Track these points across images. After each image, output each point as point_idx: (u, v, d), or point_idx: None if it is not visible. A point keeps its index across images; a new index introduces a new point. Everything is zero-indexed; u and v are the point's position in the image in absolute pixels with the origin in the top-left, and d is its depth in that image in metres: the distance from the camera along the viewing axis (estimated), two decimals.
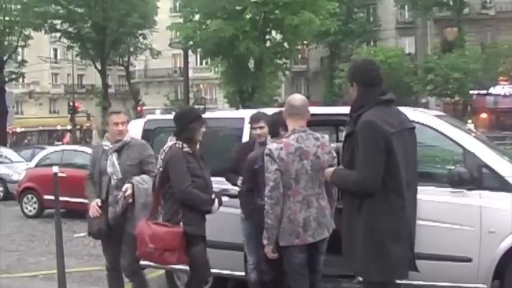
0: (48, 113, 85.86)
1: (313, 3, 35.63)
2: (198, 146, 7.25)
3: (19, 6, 45.37)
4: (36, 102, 76.76)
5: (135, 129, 9.47)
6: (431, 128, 7.66)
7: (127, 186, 7.56)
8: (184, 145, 7.09)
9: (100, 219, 7.71)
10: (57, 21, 48.27)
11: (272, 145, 6.66)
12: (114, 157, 7.78)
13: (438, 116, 8.28)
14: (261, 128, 7.99)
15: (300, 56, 60.96)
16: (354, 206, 5.55)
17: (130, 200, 7.55)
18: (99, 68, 50.21)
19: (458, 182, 7.13)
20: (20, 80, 54.35)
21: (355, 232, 5.56)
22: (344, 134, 5.92)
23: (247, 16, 36.03)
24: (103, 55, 49.44)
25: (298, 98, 6.84)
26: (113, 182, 7.71)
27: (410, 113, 7.76)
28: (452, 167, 7.46)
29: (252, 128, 8.24)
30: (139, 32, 53.31)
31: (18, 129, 73.40)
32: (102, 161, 7.82)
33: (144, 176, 7.68)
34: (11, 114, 42.63)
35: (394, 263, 5.46)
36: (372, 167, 5.36)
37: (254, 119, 8.17)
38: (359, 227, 5.51)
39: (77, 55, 56.23)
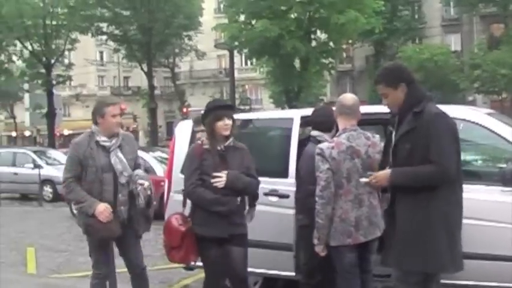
0: None
1: (358, 1, 35.41)
2: (230, 142, 6.94)
3: (66, 10, 45.79)
4: (83, 104, 77.31)
5: (183, 130, 9.52)
6: (482, 126, 7.52)
7: (141, 180, 7.13)
8: (206, 141, 6.95)
9: (111, 223, 7.05)
10: (104, 24, 48.72)
11: (323, 144, 6.70)
12: (120, 153, 7.23)
13: (489, 114, 8.16)
14: (202, 130, 7.78)
15: (345, 55, 60.83)
16: (419, 202, 5.55)
17: (149, 192, 7.14)
18: (145, 69, 50.50)
19: (510, 180, 7.01)
20: (67, 82, 54.93)
21: (421, 228, 5.53)
22: (398, 133, 5.73)
23: (293, 16, 35.92)
24: (149, 57, 49.71)
25: (349, 98, 6.92)
26: (123, 180, 7.16)
27: (461, 111, 7.70)
28: (504, 166, 7.36)
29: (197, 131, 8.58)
30: (185, 33, 53.51)
31: (66, 132, 73.96)
32: (102, 157, 7.13)
33: (140, 171, 7.34)
34: (59, 117, 43.09)
35: (459, 255, 5.67)
36: (452, 156, 5.47)
37: (197, 122, 8.56)
38: (426, 223, 5.52)
39: (123, 57, 56.74)
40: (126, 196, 7.20)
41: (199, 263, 7.32)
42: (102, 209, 6.98)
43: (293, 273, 8.23)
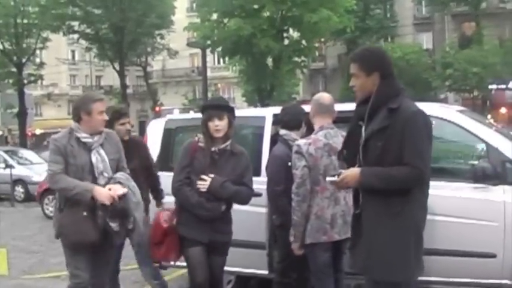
0: (66, 114, 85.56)
1: (330, 0, 35.60)
2: (226, 145, 6.65)
3: (37, 9, 45.54)
4: (55, 103, 76.89)
5: (155, 129, 9.49)
6: (454, 123, 7.58)
7: (113, 185, 6.51)
8: (202, 139, 6.69)
9: (87, 226, 6.42)
10: (75, 23, 48.44)
11: (300, 141, 6.78)
12: (102, 151, 6.63)
13: (460, 111, 8.23)
14: (122, 124, 8.07)
15: (317, 54, 61.00)
16: (390, 207, 5.01)
17: (118, 202, 6.44)
18: (118, 68, 50.32)
19: (482, 177, 7.06)
20: (39, 82, 54.48)
21: (392, 237, 5.03)
22: (369, 128, 5.09)
23: (265, 14, 35.99)
24: (121, 56, 49.52)
25: (327, 97, 7.10)
26: (102, 181, 6.53)
27: (433, 108, 7.74)
28: (476, 162, 7.41)
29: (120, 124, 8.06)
30: (157, 32, 53.38)
31: (38, 131, 73.43)
32: (83, 156, 6.56)
33: (121, 174, 6.71)
34: (31, 116, 42.78)
35: (422, 258, 5.30)
36: (427, 158, 5.01)
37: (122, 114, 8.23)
38: (398, 231, 5.03)
39: (95, 56, 56.44)
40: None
41: (180, 263, 7.22)
42: (102, 190, 6.43)
43: (266, 272, 8.24)
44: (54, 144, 6.60)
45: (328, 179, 5.43)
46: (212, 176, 6.52)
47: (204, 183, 6.53)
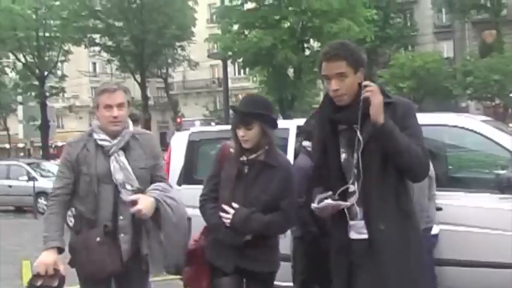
0: (88, 126, 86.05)
1: (351, 10, 35.57)
2: (259, 154, 5.41)
3: (59, 22, 45.89)
4: (77, 115, 77.43)
5: (179, 142, 9.53)
6: (479, 133, 7.55)
7: (144, 200, 5.15)
8: (233, 145, 5.51)
9: (106, 254, 5.13)
10: (96, 36, 48.79)
11: None
12: (122, 157, 5.29)
13: (485, 121, 8.20)
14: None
15: None
16: (404, 213, 4.46)
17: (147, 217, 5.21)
18: (139, 80, 50.54)
19: (507, 187, 7.04)
20: (61, 94, 54.87)
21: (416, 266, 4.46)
22: (367, 132, 4.38)
23: (286, 25, 36.02)
24: (142, 67, 49.81)
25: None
26: (125, 196, 5.20)
27: (458, 118, 7.74)
28: (501, 172, 7.39)
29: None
30: (178, 43, 53.58)
31: (60, 143, 73.82)
32: (100, 163, 5.26)
33: (163, 184, 5.44)
34: (53, 129, 43.08)
35: None
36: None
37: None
38: (419, 252, 4.51)
39: (116, 68, 56.75)
40: (129, 219, 5.25)
41: None
42: (44, 260, 5.10)
43: (291, 284, 8.24)
44: (64, 154, 5.41)
45: (314, 206, 4.55)
46: (236, 206, 5.29)
47: (227, 215, 5.33)
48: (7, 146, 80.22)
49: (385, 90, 4.48)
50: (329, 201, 4.43)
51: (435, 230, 7.17)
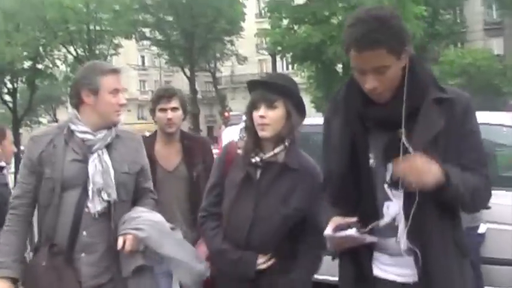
0: (136, 119, 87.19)
1: (400, 6, 35.41)
2: (276, 153, 4.02)
3: (110, 16, 46.37)
4: (125, 108, 78.07)
5: (231, 136, 9.65)
6: None
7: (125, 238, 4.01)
8: (241, 142, 4.16)
9: (61, 280, 3.92)
10: (146, 29, 49.21)
11: None
12: (106, 156, 4.12)
13: None
14: (163, 110, 5.50)
15: None
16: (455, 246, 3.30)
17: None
18: (188, 74, 50.88)
19: None
20: None
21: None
22: (417, 137, 3.15)
23: (335, 21, 36.04)
24: (191, 61, 50.18)
25: None
26: (98, 206, 4.03)
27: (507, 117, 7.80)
28: None
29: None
30: (227, 38, 53.85)
31: None
32: (70, 163, 4.05)
33: (144, 209, 4.22)
34: None
35: None
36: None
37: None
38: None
39: (166, 62, 57.18)
40: (97, 237, 4.07)
41: None
42: None
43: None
44: (27, 147, 4.21)
45: (328, 233, 3.25)
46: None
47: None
48: None
49: (438, 83, 3.29)
50: (353, 231, 3.16)
51: (482, 228, 7.21)
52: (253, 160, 3.99)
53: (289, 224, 3.95)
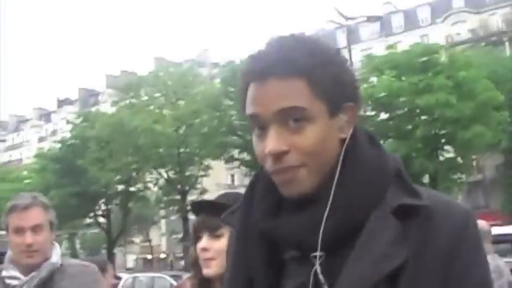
0: None
1: (483, 115, 35.47)
2: None
3: (199, 138, 47.44)
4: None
5: None
6: None
7: None
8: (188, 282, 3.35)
9: None
10: (235, 151, 50.10)
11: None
12: None
13: None
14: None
15: (475, 165, 59.79)
16: None
17: None
18: None
19: None
20: None
21: None
22: (346, 278, 1.57)
23: (419, 134, 36.36)
24: None
25: (484, 223, 7.09)
26: None
27: None
28: None
29: None
30: None
31: None
32: None
33: None
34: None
35: None
36: None
37: None
38: None
39: None
40: None
41: None
42: None
43: None
44: None
45: None
46: None
47: None
48: (149, 256, 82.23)
49: (406, 178, 1.81)
50: None
51: None
52: None
53: None
